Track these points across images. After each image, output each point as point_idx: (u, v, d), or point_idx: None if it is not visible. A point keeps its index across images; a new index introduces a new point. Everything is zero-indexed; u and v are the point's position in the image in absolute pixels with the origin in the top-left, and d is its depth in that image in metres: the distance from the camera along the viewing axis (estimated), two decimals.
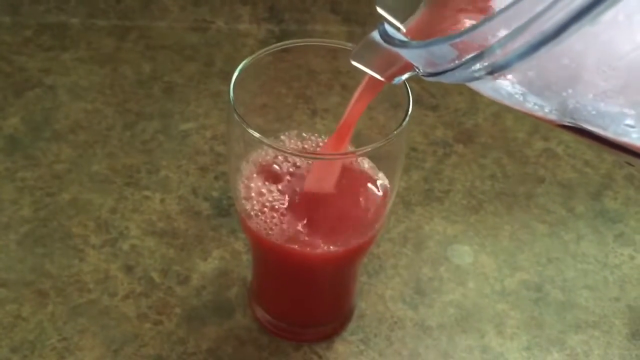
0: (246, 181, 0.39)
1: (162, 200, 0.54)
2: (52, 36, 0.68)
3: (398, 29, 0.28)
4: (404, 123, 0.35)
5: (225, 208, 0.54)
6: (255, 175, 0.38)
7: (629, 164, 0.23)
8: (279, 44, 0.40)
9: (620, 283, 0.51)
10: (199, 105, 0.62)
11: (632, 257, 0.53)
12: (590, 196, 0.57)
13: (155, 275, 0.49)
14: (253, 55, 0.39)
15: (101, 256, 0.50)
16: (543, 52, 0.18)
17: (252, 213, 0.38)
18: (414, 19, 0.28)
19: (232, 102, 0.36)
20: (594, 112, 0.20)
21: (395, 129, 0.36)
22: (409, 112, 0.36)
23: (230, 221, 0.53)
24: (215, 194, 0.55)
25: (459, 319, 0.48)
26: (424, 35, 0.26)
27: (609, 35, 0.18)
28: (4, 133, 0.58)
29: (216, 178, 0.56)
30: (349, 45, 0.40)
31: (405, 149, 0.59)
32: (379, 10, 0.28)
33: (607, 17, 0.17)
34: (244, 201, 0.39)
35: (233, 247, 0.51)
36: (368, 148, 0.35)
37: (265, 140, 0.35)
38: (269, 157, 0.39)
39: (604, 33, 0.18)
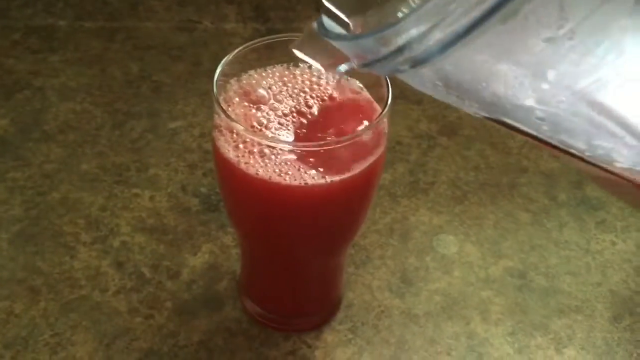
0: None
1: (151, 198, 0.55)
2: (40, 38, 0.69)
3: (348, 25, 0.28)
4: (384, 112, 0.36)
5: (214, 203, 0.55)
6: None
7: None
8: (262, 38, 0.41)
9: (602, 268, 0.52)
10: (186, 103, 0.63)
11: (613, 243, 0.54)
12: (572, 185, 0.58)
13: (145, 270, 0.50)
14: (237, 50, 0.40)
15: (92, 253, 0.51)
16: (458, 47, 0.19)
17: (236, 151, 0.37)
18: (365, 16, 0.28)
19: (215, 95, 0.37)
20: (508, 106, 0.22)
21: (377, 119, 0.37)
22: (389, 103, 0.37)
23: (219, 216, 0.54)
24: (204, 190, 0.56)
25: (444, 307, 0.49)
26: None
27: (517, 32, 0.19)
28: None
29: (204, 175, 0.57)
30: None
31: (390, 142, 0.60)
32: (327, 4, 0.28)
33: (517, 16, 0.18)
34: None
35: (222, 241, 0.52)
36: (350, 136, 0.36)
37: (249, 134, 0.36)
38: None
39: (513, 30, 0.19)
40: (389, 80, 0.38)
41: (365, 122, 0.39)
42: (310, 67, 0.42)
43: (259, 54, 0.42)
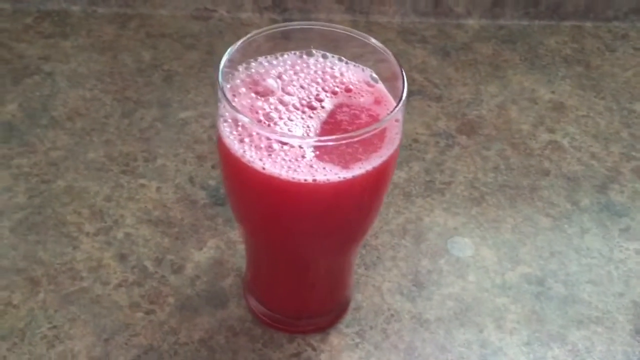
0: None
1: (158, 189, 0.54)
2: (53, 23, 0.67)
3: None
4: (399, 106, 0.34)
5: (222, 197, 0.53)
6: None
7: None
8: (275, 25, 0.39)
9: (625, 278, 0.50)
10: (198, 93, 0.61)
11: (638, 252, 0.51)
12: (596, 189, 0.56)
13: (149, 264, 0.49)
14: (247, 36, 0.38)
15: (95, 244, 0.50)
16: None
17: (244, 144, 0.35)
18: None
19: (220, 83, 0.35)
20: None
21: (391, 112, 0.35)
22: (404, 97, 0.35)
23: (227, 210, 0.52)
24: (212, 182, 0.54)
25: (457, 313, 0.47)
26: None
27: None
28: (1, 120, 0.58)
29: (214, 167, 0.55)
30: (349, 30, 0.39)
31: (406, 140, 0.58)
32: None
33: None
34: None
35: (229, 236, 0.51)
36: (363, 131, 0.34)
37: (258, 128, 0.34)
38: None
39: None
40: (404, 73, 0.36)
41: (380, 116, 0.37)
42: (324, 56, 0.40)
43: (272, 42, 0.40)
